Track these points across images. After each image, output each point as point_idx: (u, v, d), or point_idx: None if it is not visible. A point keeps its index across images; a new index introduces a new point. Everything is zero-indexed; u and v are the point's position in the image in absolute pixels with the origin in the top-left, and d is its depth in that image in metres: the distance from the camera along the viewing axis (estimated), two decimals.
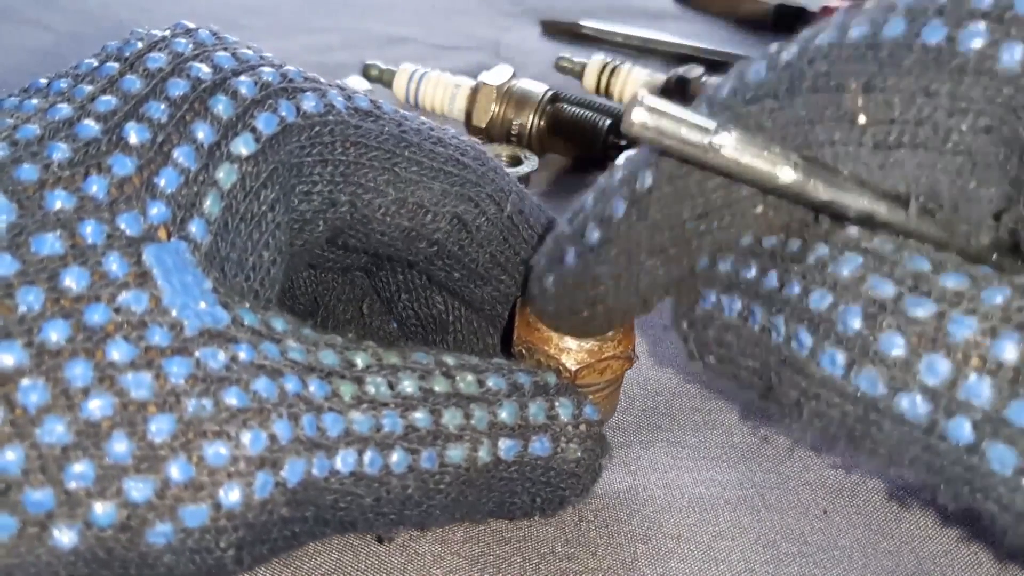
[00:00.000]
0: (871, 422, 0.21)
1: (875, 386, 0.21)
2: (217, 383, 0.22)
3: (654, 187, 0.24)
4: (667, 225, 0.24)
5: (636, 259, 0.24)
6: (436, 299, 0.32)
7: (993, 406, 0.19)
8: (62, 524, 0.21)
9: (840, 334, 0.21)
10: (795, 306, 0.22)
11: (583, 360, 0.28)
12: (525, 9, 0.78)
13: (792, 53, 0.23)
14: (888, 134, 0.22)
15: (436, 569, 0.28)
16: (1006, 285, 0.20)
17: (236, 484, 0.22)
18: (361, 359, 0.25)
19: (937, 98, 0.21)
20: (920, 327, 0.20)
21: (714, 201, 0.23)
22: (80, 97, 0.25)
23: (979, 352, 0.20)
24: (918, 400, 0.20)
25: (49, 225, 0.22)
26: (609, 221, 0.25)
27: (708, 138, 0.21)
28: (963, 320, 0.20)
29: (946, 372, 0.20)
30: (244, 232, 0.25)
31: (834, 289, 0.21)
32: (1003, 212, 0.22)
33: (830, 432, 0.22)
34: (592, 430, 0.27)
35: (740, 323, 0.24)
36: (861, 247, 0.22)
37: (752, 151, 0.21)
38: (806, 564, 0.29)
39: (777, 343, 0.23)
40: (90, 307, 0.22)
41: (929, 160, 0.22)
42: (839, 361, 0.21)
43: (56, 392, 0.21)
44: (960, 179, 0.22)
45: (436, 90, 0.56)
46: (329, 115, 0.27)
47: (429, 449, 0.25)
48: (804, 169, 0.21)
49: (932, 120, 0.21)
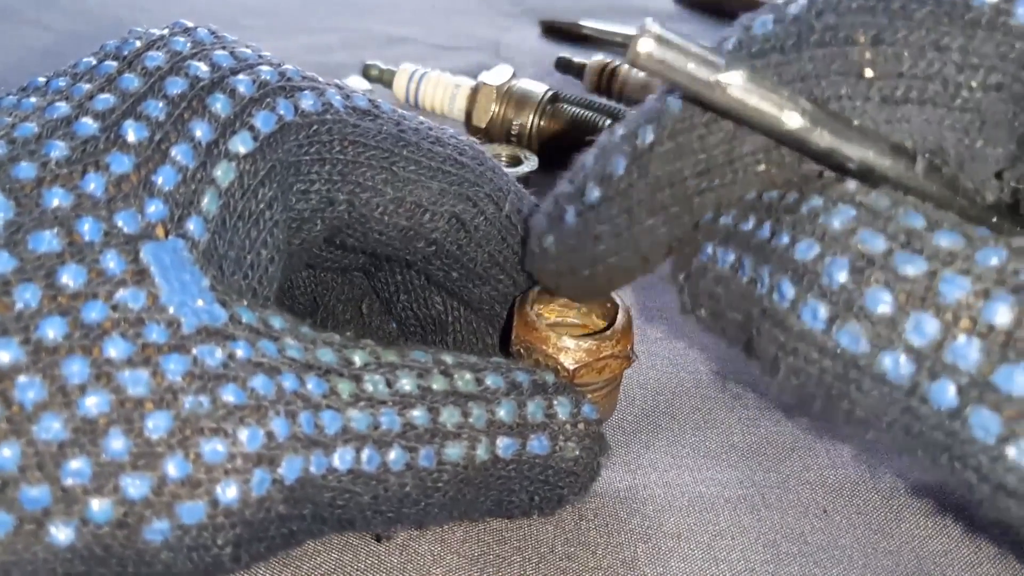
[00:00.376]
0: (850, 381, 0.21)
1: (857, 343, 0.20)
2: (214, 380, 0.22)
3: (655, 143, 0.23)
4: (668, 182, 0.23)
5: (637, 217, 0.24)
6: (435, 299, 0.32)
7: (980, 370, 0.19)
8: (59, 521, 0.21)
9: (824, 287, 0.20)
10: (781, 256, 0.21)
11: (581, 359, 0.28)
12: (525, 9, 0.78)
13: (800, 5, 0.22)
14: (896, 88, 0.21)
15: (436, 569, 0.28)
16: (1002, 246, 0.19)
17: (233, 481, 0.22)
18: (359, 357, 0.25)
19: (948, 53, 0.21)
20: (909, 284, 0.19)
21: (716, 158, 0.23)
22: (78, 95, 0.25)
23: (970, 313, 0.19)
24: (902, 360, 0.20)
25: (47, 223, 0.22)
26: (610, 179, 0.24)
27: (716, 75, 0.20)
28: (955, 280, 0.19)
29: (933, 332, 0.19)
30: (242, 230, 0.25)
31: (822, 240, 0.21)
32: (1005, 170, 0.21)
33: (807, 390, 0.22)
34: (590, 429, 0.27)
35: (731, 275, 0.23)
36: (856, 200, 0.21)
37: (760, 92, 0.20)
38: (806, 564, 0.29)
39: (760, 294, 0.22)
40: (87, 304, 0.22)
41: (936, 116, 0.21)
42: (821, 315, 0.21)
43: (53, 389, 0.21)
44: (967, 137, 0.21)
45: (436, 90, 0.56)
46: (327, 114, 0.27)
47: (427, 447, 0.25)
48: (811, 116, 0.20)
49: (942, 75, 0.21)
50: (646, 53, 0.19)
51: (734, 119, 0.21)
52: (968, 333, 0.19)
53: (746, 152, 0.22)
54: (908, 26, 0.21)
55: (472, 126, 0.53)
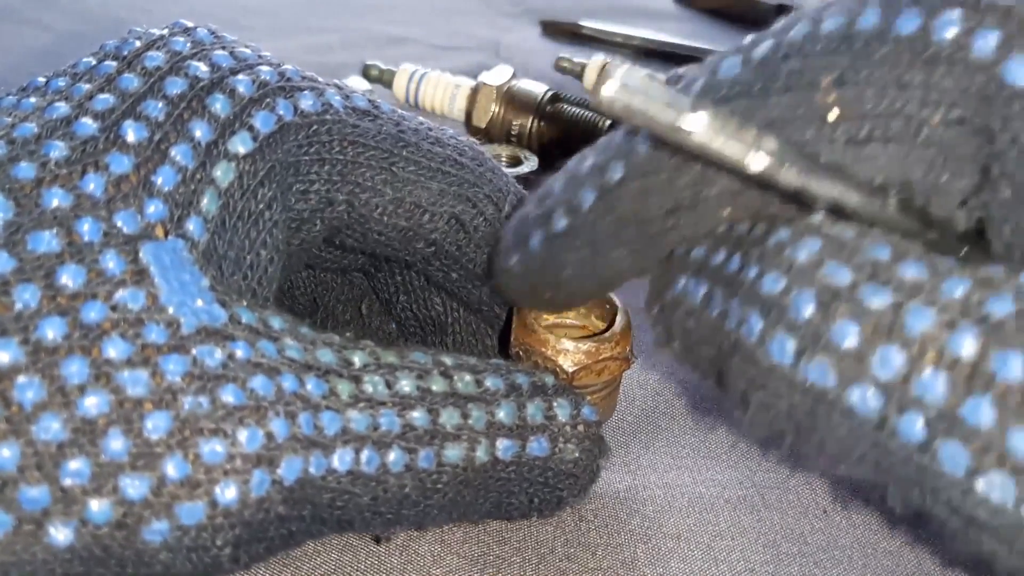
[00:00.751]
0: (819, 415, 0.20)
1: (825, 377, 0.20)
2: (214, 381, 0.22)
3: (624, 180, 0.23)
4: (635, 220, 0.23)
5: (602, 250, 0.24)
6: (434, 300, 0.32)
7: (947, 403, 0.18)
8: (58, 521, 0.21)
9: (791, 320, 0.20)
10: (749, 289, 0.21)
11: (580, 361, 0.28)
12: (525, 9, 0.78)
13: (766, 48, 0.22)
14: (860, 129, 0.21)
15: (436, 569, 0.28)
16: (967, 277, 0.19)
17: (232, 482, 0.22)
18: (359, 358, 0.25)
19: (910, 90, 0.21)
20: (875, 317, 0.19)
21: (683, 200, 0.23)
22: (78, 96, 0.25)
23: (935, 346, 0.19)
24: (869, 394, 0.19)
25: (46, 223, 0.22)
26: (577, 211, 0.24)
27: (680, 119, 0.19)
28: (920, 311, 0.19)
29: (900, 365, 0.19)
30: (241, 230, 0.25)
31: (788, 273, 0.21)
32: (969, 199, 0.21)
33: (777, 426, 0.21)
34: (590, 431, 0.27)
35: (702, 308, 0.23)
36: (822, 232, 0.21)
37: (725, 134, 0.20)
38: (806, 564, 0.29)
39: (729, 328, 0.22)
40: (87, 304, 0.22)
41: (901, 153, 0.21)
42: (788, 349, 0.20)
43: (52, 389, 0.21)
44: (932, 171, 0.21)
45: (436, 90, 0.56)
46: (327, 114, 0.27)
47: (426, 448, 0.25)
48: (778, 155, 0.20)
49: (904, 113, 0.21)
50: (609, 98, 0.19)
51: (701, 160, 0.21)
52: (934, 366, 0.19)
53: (713, 195, 0.22)
54: (870, 65, 0.21)
55: (472, 126, 0.53)
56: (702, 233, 0.23)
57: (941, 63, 0.20)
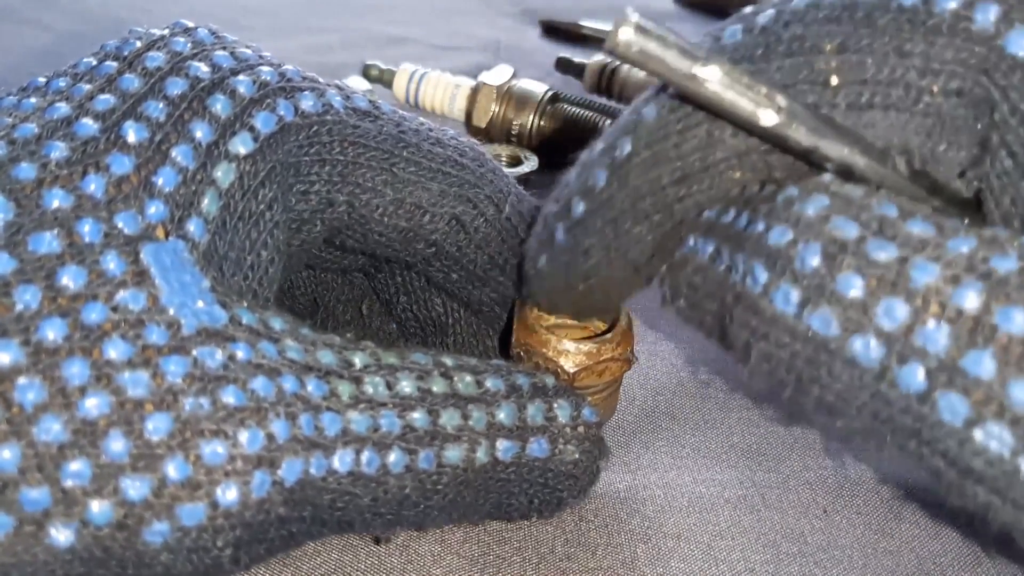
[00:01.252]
0: (821, 364, 0.21)
1: (828, 326, 0.20)
2: (215, 382, 0.22)
3: (632, 153, 0.23)
4: (648, 191, 0.24)
5: (622, 227, 0.24)
6: (435, 301, 0.32)
7: (949, 354, 0.19)
8: (58, 523, 0.21)
9: (796, 271, 0.21)
10: (755, 242, 0.22)
11: (581, 362, 0.28)
12: (525, 9, 0.78)
13: (768, 16, 0.23)
14: (861, 95, 0.21)
15: (436, 569, 0.28)
16: (972, 236, 0.20)
17: (233, 483, 0.22)
18: (359, 359, 0.25)
19: (910, 59, 0.21)
20: (880, 270, 0.20)
21: (692, 165, 0.23)
22: (79, 96, 0.25)
23: (939, 299, 0.19)
24: (872, 343, 0.20)
25: (47, 224, 0.22)
26: (592, 192, 0.25)
27: (694, 68, 0.20)
28: (925, 266, 0.19)
29: (903, 317, 0.19)
30: (242, 231, 0.25)
31: (796, 226, 0.21)
32: (967, 171, 0.22)
33: (778, 376, 0.22)
34: (590, 432, 0.27)
35: (709, 264, 0.23)
36: (830, 190, 0.21)
37: (737, 88, 0.20)
38: (806, 564, 0.29)
39: (734, 280, 0.22)
40: (87, 306, 0.22)
41: (900, 121, 0.21)
42: (793, 299, 0.21)
43: (53, 390, 0.21)
44: (930, 140, 0.22)
45: (436, 90, 0.56)
46: (327, 115, 0.27)
47: (427, 449, 0.25)
48: (788, 112, 0.20)
49: (904, 81, 0.21)
50: (625, 41, 0.19)
51: (712, 112, 0.21)
52: (937, 318, 0.19)
53: (720, 159, 0.23)
54: (871, 34, 0.21)
55: (472, 126, 0.53)
56: (714, 198, 0.23)
57: (942, 34, 0.21)
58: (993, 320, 0.19)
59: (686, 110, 0.23)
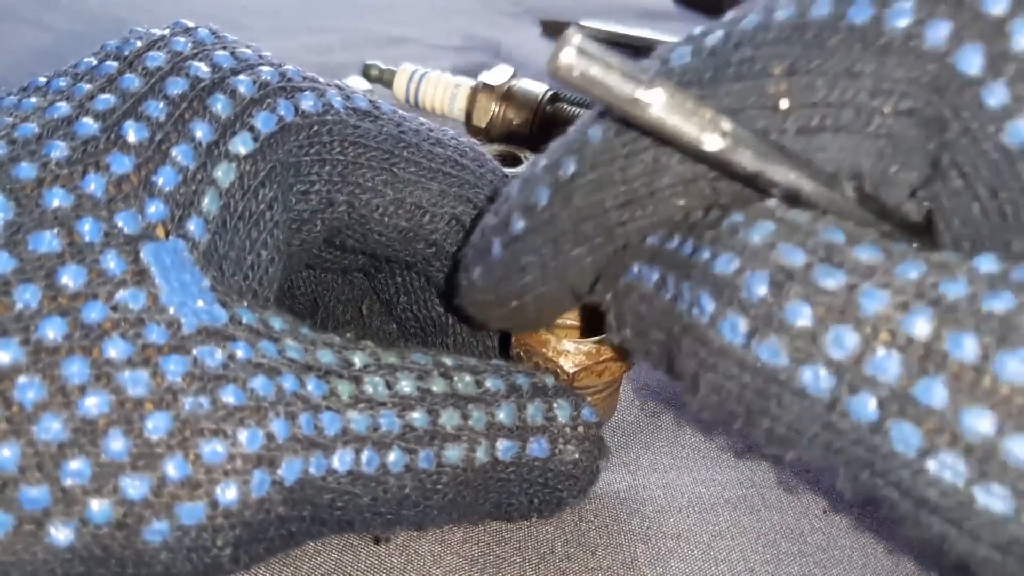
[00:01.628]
0: (770, 396, 0.20)
1: (777, 357, 0.20)
2: (214, 381, 0.22)
3: (577, 174, 0.23)
4: (591, 213, 0.23)
5: (561, 247, 0.24)
6: (435, 301, 0.32)
7: (900, 383, 0.18)
8: (58, 522, 0.21)
9: (743, 300, 0.20)
10: (701, 271, 0.21)
11: (581, 363, 0.28)
12: (525, 9, 0.78)
13: (717, 37, 0.22)
14: (811, 118, 0.21)
15: (436, 569, 0.28)
16: (921, 261, 0.19)
17: (233, 482, 0.22)
18: (359, 359, 0.25)
19: (861, 79, 0.21)
20: (829, 298, 0.19)
21: (637, 190, 0.22)
22: (79, 96, 0.25)
23: (889, 326, 0.19)
24: (822, 373, 0.19)
25: (47, 223, 0.22)
26: (533, 209, 0.24)
27: (637, 92, 0.19)
28: (874, 293, 0.19)
29: (853, 345, 0.19)
30: (242, 231, 0.25)
31: (742, 254, 0.21)
32: (919, 191, 0.21)
33: (727, 408, 0.21)
34: (590, 432, 0.27)
35: (654, 293, 0.23)
36: (776, 216, 0.21)
37: (682, 113, 0.19)
38: (806, 564, 0.29)
39: (680, 310, 0.22)
40: (87, 305, 0.22)
41: (851, 143, 0.21)
42: (740, 329, 0.20)
43: (53, 389, 0.21)
44: (882, 162, 0.21)
45: (436, 90, 0.56)
46: (327, 115, 0.27)
47: (426, 449, 0.25)
48: (734, 137, 0.20)
49: (855, 102, 0.21)
50: (566, 65, 0.18)
51: (655, 137, 0.21)
52: (888, 346, 0.19)
53: (666, 184, 0.22)
54: (822, 55, 0.21)
55: (472, 126, 0.53)
56: (658, 224, 0.23)
57: (893, 53, 0.20)
58: (944, 347, 0.18)
59: (632, 134, 0.22)
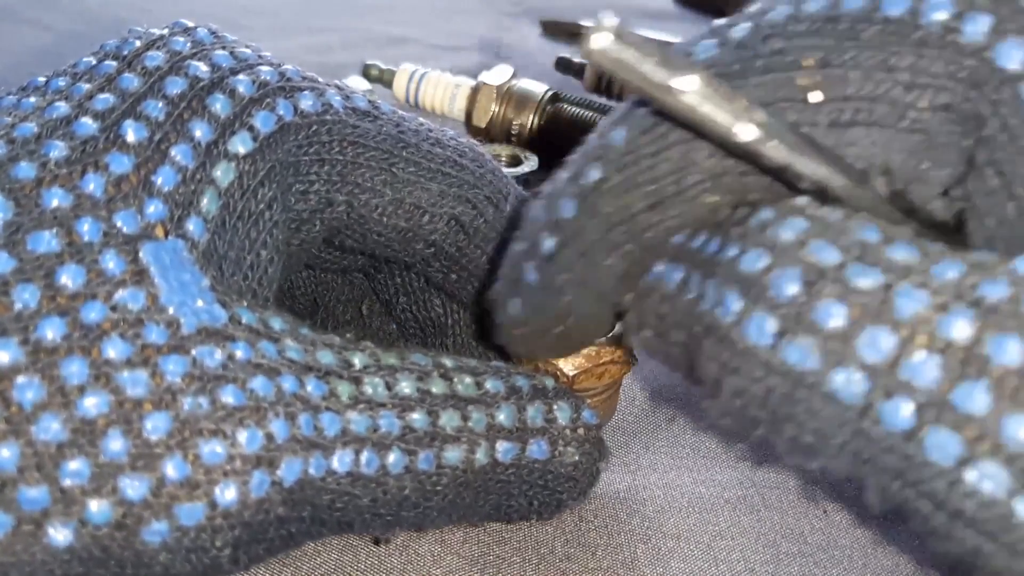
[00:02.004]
0: (798, 401, 0.19)
1: (806, 359, 0.19)
2: (214, 381, 0.22)
3: (603, 180, 0.22)
4: (619, 219, 0.22)
5: (594, 259, 0.23)
6: (434, 302, 0.32)
7: (938, 388, 0.18)
8: (57, 522, 0.21)
9: (772, 299, 0.19)
10: (728, 269, 0.20)
11: (581, 365, 0.28)
12: (525, 9, 0.78)
13: (744, 30, 0.22)
14: (843, 112, 0.20)
15: (436, 569, 0.28)
16: (959, 260, 0.18)
17: (232, 483, 0.22)
18: (359, 359, 0.25)
19: (896, 73, 0.20)
20: (863, 297, 0.18)
21: (665, 189, 0.22)
22: (78, 95, 0.25)
23: (927, 328, 0.18)
24: (854, 377, 0.18)
25: (46, 223, 0.22)
26: (560, 224, 0.23)
27: (672, 79, 0.19)
28: (911, 293, 0.18)
29: (889, 348, 0.18)
30: (242, 231, 0.25)
31: (771, 251, 0.20)
32: (951, 189, 0.21)
33: (750, 413, 0.20)
34: (590, 434, 0.27)
35: (677, 292, 0.22)
36: (807, 213, 0.20)
37: (715, 101, 0.19)
38: (806, 564, 0.29)
39: (704, 310, 0.21)
40: (86, 305, 0.22)
41: (884, 138, 0.20)
42: (768, 329, 0.19)
43: (52, 389, 0.21)
44: (914, 158, 0.21)
45: (436, 90, 0.56)
46: (327, 114, 0.27)
47: (426, 450, 0.25)
48: (767, 128, 0.19)
49: (889, 96, 0.20)
50: (600, 49, 0.18)
51: (687, 126, 0.20)
52: (925, 349, 0.18)
53: (695, 181, 0.21)
54: (856, 47, 0.20)
55: (472, 126, 0.53)
56: (686, 223, 0.22)
57: (930, 46, 0.20)
58: (986, 351, 0.17)
59: (658, 131, 0.21)
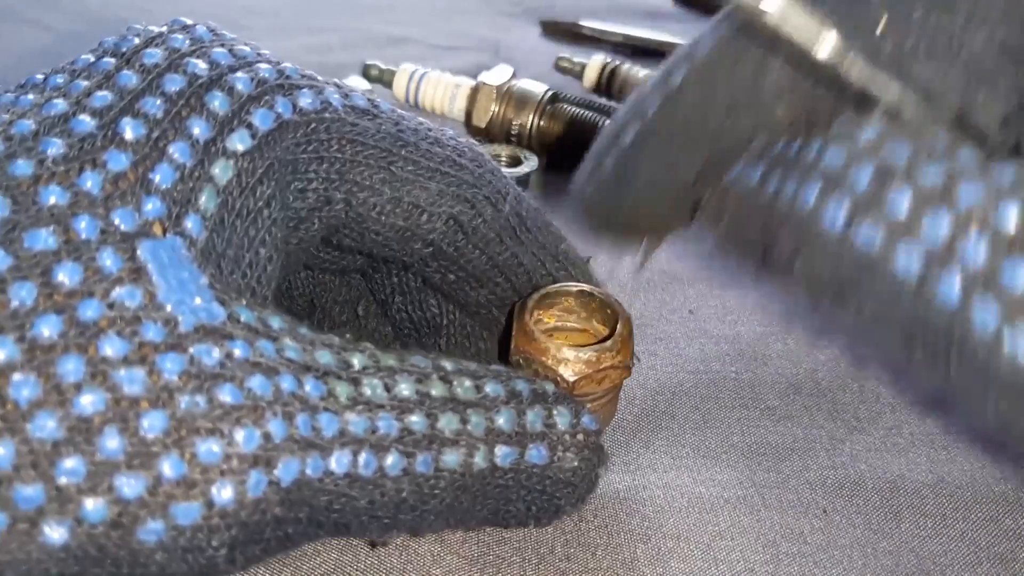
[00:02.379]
0: (863, 278, 0.22)
1: (873, 241, 0.21)
2: (211, 380, 0.22)
3: (685, 83, 0.25)
4: (697, 118, 0.25)
5: (669, 155, 0.25)
6: (430, 302, 0.32)
7: (987, 265, 0.20)
8: (52, 520, 0.21)
9: (847, 190, 0.22)
10: (808, 165, 0.23)
11: (581, 371, 0.28)
12: (525, 9, 0.78)
13: None
14: (905, 42, 0.23)
15: (435, 569, 0.28)
16: (1014, 166, 0.21)
17: (229, 482, 0.22)
18: (358, 360, 0.25)
19: (957, 6, 0.22)
20: (928, 189, 0.21)
21: (742, 92, 0.24)
22: (76, 93, 0.25)
23: (982, 216, 0.20)
24: (913, 256, 0.21)
25: (43, 220, 0.22)
26: (643, 119, 0.26)
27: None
28: (971, 186, 0.21)
29: (945, 232, 0.21)
30: (240, 228, 0.25)
31: (850, 151, 0.22)
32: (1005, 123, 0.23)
33: (817, 290, 0.23)
34: (590, 440, 0.27)
35: (756, 189, 0.24)
36: (883, 122, 0.22)
37: (796, 19, 0.21)
38: (806, 564, 0.29)
39: (783, 201, 0.23)
40: (83, 302, 0.22)
41: (941, 71, 0.23)
42: (840, 216, 0.22)
43: (48, 387, 0.21)
44: (970, 91, 0.23)
45: (436, 90, 0.56)
46: (325, 112, 0.27)
47: (424, 453, 0.25)
48: (844, 48, 0.22)
49: (948, 30, 0.22)
50: None
51: (769, 42, 0.23)
52: (979, 232, 0.20)
53: (770, 90, 0.24)
54: None
55: (472, 126, 0.53)
56: (760, 129, 0.24)
57: None
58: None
59: (742, 42, 0.24)
